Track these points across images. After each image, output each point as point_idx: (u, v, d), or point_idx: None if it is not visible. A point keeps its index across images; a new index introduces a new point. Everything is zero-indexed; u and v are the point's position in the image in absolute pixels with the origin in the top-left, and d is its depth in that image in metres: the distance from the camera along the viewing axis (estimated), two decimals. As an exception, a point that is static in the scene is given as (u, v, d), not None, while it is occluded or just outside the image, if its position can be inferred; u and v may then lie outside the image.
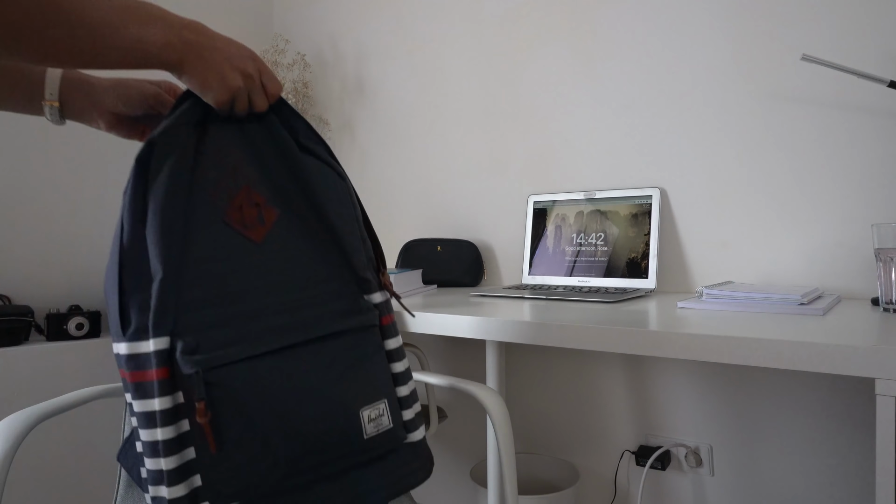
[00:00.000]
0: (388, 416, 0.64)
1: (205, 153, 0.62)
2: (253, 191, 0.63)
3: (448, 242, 1.60)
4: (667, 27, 1.35)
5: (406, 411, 0.69)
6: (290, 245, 0.64)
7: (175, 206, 0.58)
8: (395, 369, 0.69)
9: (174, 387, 0.57)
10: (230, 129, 0.64)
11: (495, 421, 0.83)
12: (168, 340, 0.57)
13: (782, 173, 1.23)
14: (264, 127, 0.66)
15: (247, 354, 0.58)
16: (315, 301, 0.64)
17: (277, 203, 0.64)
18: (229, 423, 0.57)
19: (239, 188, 0.62)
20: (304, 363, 0.61)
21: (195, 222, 0.59)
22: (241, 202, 0.62)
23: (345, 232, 0.67)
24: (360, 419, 0.62)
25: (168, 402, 0.56)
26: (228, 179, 0.62)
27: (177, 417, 0.57)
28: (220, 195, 0.61)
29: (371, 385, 0.64)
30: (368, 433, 0.62)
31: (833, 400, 1.18)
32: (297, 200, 0.65)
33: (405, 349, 1.37)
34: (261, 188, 0.63)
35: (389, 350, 0.69)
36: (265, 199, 0.63)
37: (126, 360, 0.57)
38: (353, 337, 0.65)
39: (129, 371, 0.57)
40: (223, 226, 0.60)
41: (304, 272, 0.64)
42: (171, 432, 0.56)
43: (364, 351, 0.65)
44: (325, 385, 0.61)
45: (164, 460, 0.56)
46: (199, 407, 0.55)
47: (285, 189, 0.65)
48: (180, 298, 0.58)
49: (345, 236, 0.67)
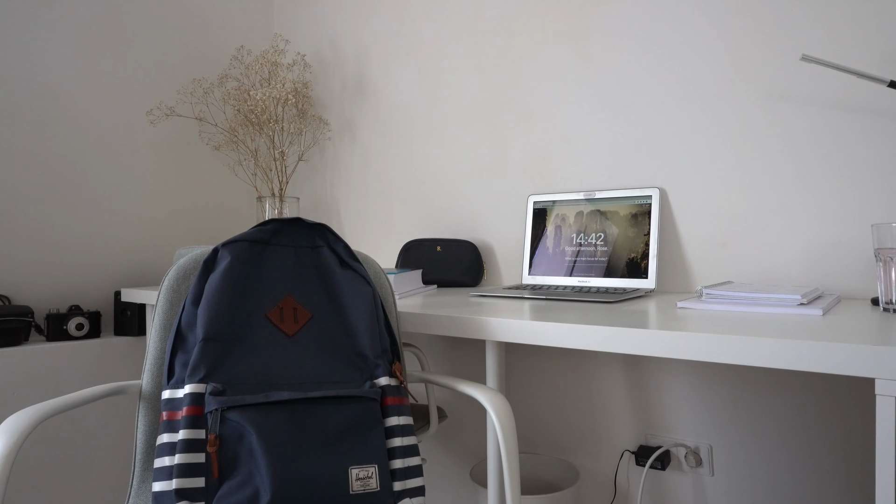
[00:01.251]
0: (377, 480, 0.74)
1: (261, 265, 0.82)
2: (294, 299, 0.83)
3: (448, 242, 1.60)
4: (666, 27, 1.35)
5: (396, 483, 0.78)
6: (317, 340, 0.81)
7: (223, 294, 0.78)
8: (392, 444, 0.79)
9: (197, 423, 0.71)
10: (286, 251, 0.85)
11: (500, 423, 0.84)
12: (202, 386, 0.73)
13: (782, 173, 1.23)
14: (315, 252, 0.87)
15: (261, 401, 0.72)
16: (330, 378, 0.79)
17: (312, 308, 0.83)
18: (234, 457, 0.69)
19: (284, 296, 0.82)
20: (308, 418, 0.74)
21: (240, 312, 0.79)
22: (283, 306, 0.81)
23: (360, 328, 0.84)
24: (349, 475, 0.72)
25: (190, 433, 0.71)
26: (276, 289, 0.82)
27: (195, 449, 0.70)
28: (266, 298, 0.81)
29: (364, 449, 0.75)
30: (354, 489, 0.72)
31: (833, 400, 1.18)
32: (328, 307, 0.84)
33: (407, 350, 1.37)
34: (301, 298, 0.83)
35: (390, 426, 0.80)
36: (302, 305, 0.83)
37: (165, 404, 0.75)
38: (354, 406, 0.77)
39: (165, 411, 0.74)
40: (265, 320, 0.80)
41: (325, 359, 0.80)
42: (188, 459, 0.69)
43: (362, 420, 0.77)
44: (322, 439, 0.73)
45: (175, 481, 0.68)
46: (211, 438, 0.69)
47: (320, 299, 0.84)
48: (218, 356, 0.75)
49: (361, 332, 0.84)
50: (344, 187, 1.98)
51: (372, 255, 1.90)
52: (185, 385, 0.73)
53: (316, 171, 2.07)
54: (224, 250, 0.81)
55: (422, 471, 0.81)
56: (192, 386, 0.73)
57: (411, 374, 1.06)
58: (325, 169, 2.04)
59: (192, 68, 1.95)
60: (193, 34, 1.95)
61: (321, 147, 2.05)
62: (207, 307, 0.77)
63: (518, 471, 0.82)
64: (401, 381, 0.85)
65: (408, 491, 0.78)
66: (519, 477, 0.78)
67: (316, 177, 2.07)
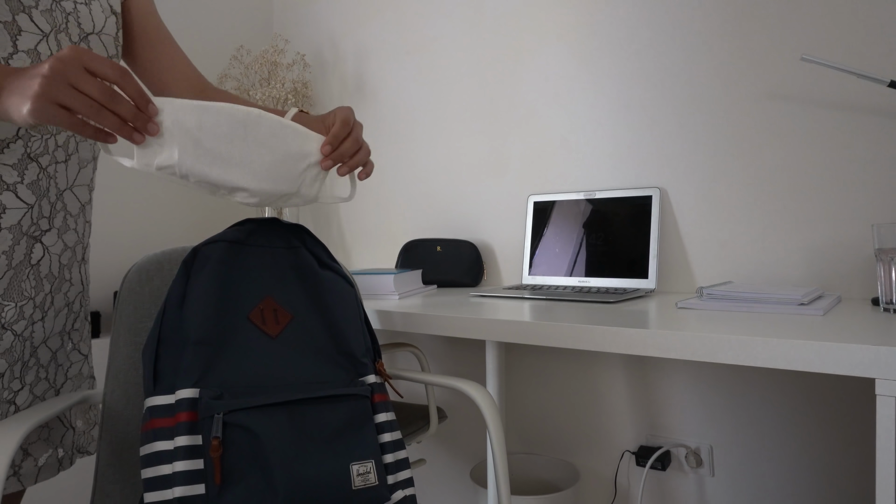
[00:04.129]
0: (375, 475, 0.75)
1: (239, 266, 0.80)
2: (273, 300, 0.81)
3: (448, 242, 1.60)
4: (667, 27, 1.35)
5: (390, 476, 0.80)
6: (300, 340, 0.81)
7: (209, 296, 0.76)
8: (383, 439, 0.81)
9: (194, 429, 0.70)
10: (263, 251, 0.83)
11: (485, 412, 0.87)
12: (196, 391, 0.71)
13: (782, 173, 1.23)
14: (292, 253, 0.85)
15: (261, 403, 0.72)
16: (317, 378, 0.79)
17: (291, 309, 0.82)
18: (237, 461, 0.69)
19: (263, 297, 0.81)
20: (308, 419, 0.74)
21: (225, 314, 0.77)
22: (263, 307, 0.80)
23: (347, 328, 0.84)
24: (350, 471, 0.73)
25: (189, 440, 0.69)
26: (255, 289, 0.81)
27: (193, 455, 0.69)
28: (247, 299, 0.79)
29: (361, 446, 0.76)
30: (356, 485, 0.73)
31: (833, 400, 1.18)
32: (309, 308, 0.83)
33: (407, 350, 1.37)
34: (280, 298, 0.82)
35: (379, 422, 0.82)
36: (282, 306, 0.82)
37: (152, 411, 0.71)
38: (347, 405, 0.78)
39: (152, 419, 0.71)
40: (246, 321, 0.78)
41: (310, 359, 0.80)
42: (186, 466, 0.68)
43: (356, 418, 0.78)
44: (322, 438, 0.74)
45: (177, 489, 0.67)
46: (214, 443, 0.68)
47: (300, 300, 0.83)
48: (209, 359, 0.73)
49: (347, 331, 0.83)
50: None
51: (372, 255, 1.90)
52: (178, 390, 0.71)
53: (316, 171, 2.07)
54: (205, 250, 0.79)
55: (409, 463, 0.83)
56: (186, 391, 0.71)
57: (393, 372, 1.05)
58: (324, 169, 2.04)
59: (191, 68, 1.95)
60: (193, 34, 1.95)
61: (321, 147, 2.05)
62: (195, 309, 0.75)
63: (505, 460, 0.82)
64: (385, 379, 0.86)
65: (400, 483, 0.81)
66: (506, 465, 0.78)
67: (316, 177, 2.07)
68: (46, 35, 0.74)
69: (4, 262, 0.75)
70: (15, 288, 0.76)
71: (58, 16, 0.76)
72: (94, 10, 0.81)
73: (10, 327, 0.76)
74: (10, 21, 0.71)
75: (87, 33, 0.80)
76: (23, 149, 0.74)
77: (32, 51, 0.73)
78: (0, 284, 0.75)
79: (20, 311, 0.78)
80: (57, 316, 0.84)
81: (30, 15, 0.73)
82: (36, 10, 0.73)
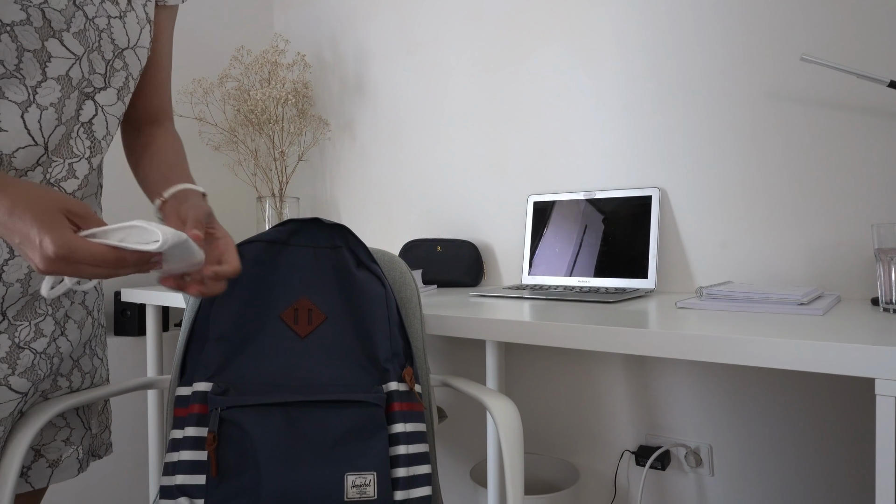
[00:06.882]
0: (375, 488, 0.72)
1: (277, 265, 0.81)
2: (309, 300, 0.81)
3: (448, 242, 1.60)
4: (666, 27, 1.35)
5: (399, 492, 0.75)
6: (329, 342, 0.80)
7: (238, 294, 0.78)
8: (396, 451, 0.76)
9: (202, 421, 0.72)
10: (305, 252, 0.84)
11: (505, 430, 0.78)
12: (209, 385, 0.74)
13: (782, 173, 1.23)
14: (335, 253, 0.85)
15: (258, 402, 0.72)
16: (339, 381, 0.78)
17: (327, 310, 0.82)
18: (232, 457, 0.70)
19: (299, 297, 0.81)
20: (307, 421, 0.73)
21: (253, 312, 0.78)
22: (298, 307, 0.80)
23: (375, 331, 0.82)
24: (344, 481, 0.71)
25: (195, 431, 0.72)
26: (292, 289, 0.81)
27: (198, 446, 0.71)
28: (281, 298, 0.80)
29: (364, 456, 0.73)
30: (349, 496, 0.71)
31: (833, 400, 1.18)
32: (343, 309, 0.83)
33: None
34: (316, 299, 0.82)
35: (395, 433, 0.77)
36: (317, 306, 0.82)
37: (176, 401, 0.75)
38: (354, 411, 0.76)
39: (176, 408, 0.75)
40: (277, 320, 0.79)
41: (335, 361, 0.80)
42: (191, 456, 0.71)
43: (364, 426, 0.75)
44: (320, 443, 0.72)
45: (178, 477, 0.69)
46: (209, 437, 0.70)
47: (336, 301, 0.83)
48: (227, 355, 0.75)
49: (375, 334, 0.82)
50: (344, 187, 1.98)
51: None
52: (194, 383, 0.74)
53: (316, 171, 2.07)
54: (241, 250, 0.81)
55: (430, 480, 0.77)
56: (199, 384, 0.74)
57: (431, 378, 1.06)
58: (325, 169, 2.04)
59: (191, 68, 1.95)
60: (193, 34, 1.95)
61: (321, 147, 2.05)
62: (219, 307, 0.78)
63: (522, 473, 0.81)
64: (411, 387, 0.81)
65: (412, 501, 0.75)
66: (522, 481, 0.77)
67: (316, 177, 2.07)
68: (79, 58, 0.71)
69: (19, 289, 0.71)
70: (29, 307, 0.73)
71: (91, 35, 0.72)
72: (128, 23, 0.77)
73: (27, 346, 0.73)
74: (40, 48, 0.67)
75: (121, 49, 0.76)
76: (41, 175, 0.70)
77: (63, 77, 0.69)
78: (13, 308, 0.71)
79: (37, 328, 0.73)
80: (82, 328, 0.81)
81: (61, 39, 0.68)
82: (68, 34, 0.69)
